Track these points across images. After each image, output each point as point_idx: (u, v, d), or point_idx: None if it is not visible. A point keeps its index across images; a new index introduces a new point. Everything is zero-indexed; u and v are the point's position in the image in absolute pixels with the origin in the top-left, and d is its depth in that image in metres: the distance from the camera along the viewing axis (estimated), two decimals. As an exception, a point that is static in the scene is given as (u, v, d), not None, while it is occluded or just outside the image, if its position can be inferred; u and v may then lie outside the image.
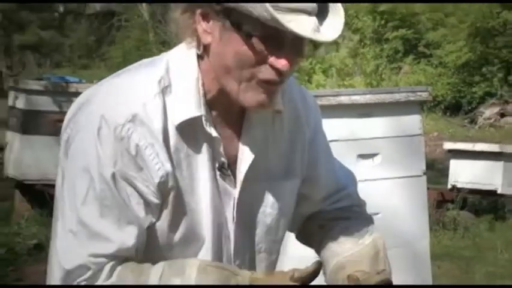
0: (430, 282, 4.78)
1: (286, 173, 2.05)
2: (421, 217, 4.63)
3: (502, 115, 23.70)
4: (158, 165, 1.84)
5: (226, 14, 1.83)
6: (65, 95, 8.74)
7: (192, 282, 1.80)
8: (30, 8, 43.53)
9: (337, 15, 1.88)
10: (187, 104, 1.89)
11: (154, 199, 1.85)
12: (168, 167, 1.85)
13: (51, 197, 2.12)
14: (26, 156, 8.75)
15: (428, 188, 4.87)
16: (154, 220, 1.87)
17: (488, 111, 24.00)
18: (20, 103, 8.90)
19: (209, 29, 1.87)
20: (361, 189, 4.38)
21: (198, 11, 1.87)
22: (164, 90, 1.88)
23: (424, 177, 4.68)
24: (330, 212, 2.16)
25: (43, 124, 8.61)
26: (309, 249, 2.27)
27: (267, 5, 1.73)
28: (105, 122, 1.80)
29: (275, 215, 2.04)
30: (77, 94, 8.88)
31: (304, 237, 2.25)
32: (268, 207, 2.03)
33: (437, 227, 7.88)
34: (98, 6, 49.08)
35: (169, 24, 2.11)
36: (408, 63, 27.14)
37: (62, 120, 2.06)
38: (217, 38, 1.86)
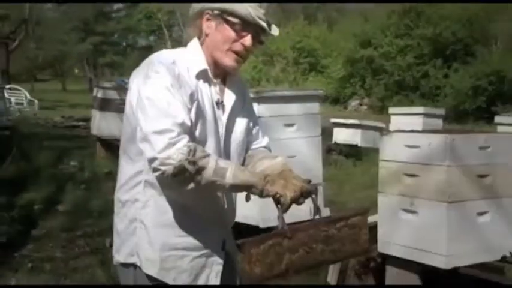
0: (322, 195, 4.61)
1: (246, 117, 2.01)
2: (318, 159, 4.62)
3: (360, 105, 24.09)
4: (188, 85, 1.82)
5: (220, 14, 1.86)
6: (123, 90, 8.74)
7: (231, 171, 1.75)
8: (109, 43, 42.95)
9: (275, 26, 1.92)
10: (199, 63, 1.88)
11: (188, 105, 1.80)
12: (193, 87, 1.83)
13: (117, 146, 2.01)
14: (102, 123, 8.71)
15: (322, 143, 4.85)
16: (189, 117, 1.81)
17: (353, 103, 24.37)
18: (100, 94, 8.89)
19: (209, 25, 1.88)
20: (285, 143, 4.40)
21: (205, 16, 1.88)
22: (184, 55, 1.89)
23: (320, 137, 4.66)
24: (256, 149, 2.07)
25: (111, 106, 8.62)
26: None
27: (249, 9, 1.83)
28: (161, 63, 1.80)
29: (242, 137, 1.99)
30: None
31: None
32: (239, 132, 1.98)
33: (326, 164, 7.91)
34: (143, 43, 48.54)
35: (188, 28, 2.02)
36: (312, 76, 27.30)
37: (122, 104, 2.00)
38: (213, 29, 1.88)
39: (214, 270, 1.94)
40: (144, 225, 1.87)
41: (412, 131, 3.55)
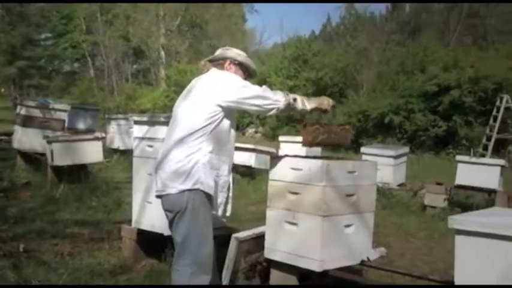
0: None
1: None
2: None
3: (256, 132, 24.29)
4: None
5: (240, 65, 2.90)
6: (46, 109, 8.25)
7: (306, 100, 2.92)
8: (35, 67, 40.55)
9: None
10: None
11: None
12: None
13: (36, 159, 1.90)
14: (23, 138, 8.08)
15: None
16: None
17: (250, 130, 24.49)
18: (23, 111, 8.18)
19: (230, 67, 2.87)
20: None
21: (228, 62, 2.88)
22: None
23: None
24: None
25: (33, 123, 8.05)
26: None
27: (252, 67, 2.94)
28: (236, 76, 2.79)
29: None
30: (52, 109, 8.51)
31: None
32: None
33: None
34: (68, 68, 46.34)
35: (202, 63, 2.98)
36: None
37: (44, 122, 1.93)
38: (234, 71, 2.85)
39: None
40: (205, 165, 2.60)
41: (296, 156, 3.64)
